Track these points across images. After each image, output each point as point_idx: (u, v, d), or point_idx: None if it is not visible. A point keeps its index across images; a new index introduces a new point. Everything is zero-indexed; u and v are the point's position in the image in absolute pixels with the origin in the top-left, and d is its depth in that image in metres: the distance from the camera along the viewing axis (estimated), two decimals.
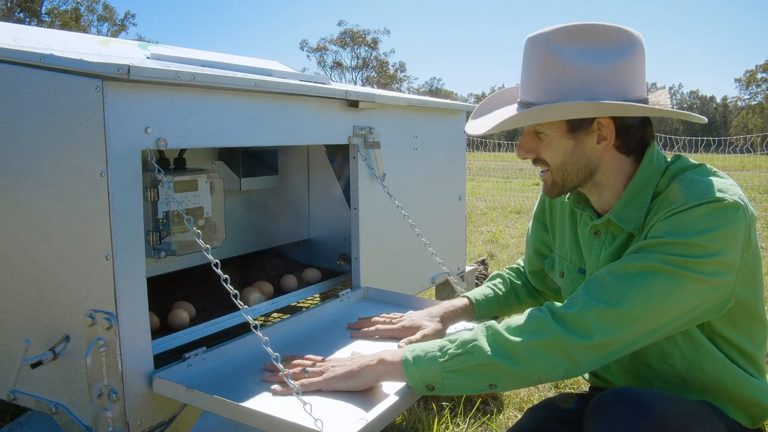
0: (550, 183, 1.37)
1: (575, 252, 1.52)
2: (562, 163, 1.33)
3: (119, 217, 1.27)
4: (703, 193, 1.20)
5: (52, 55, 1.28)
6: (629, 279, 1.19)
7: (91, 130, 1.24)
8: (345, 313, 1.92)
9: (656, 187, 1.31)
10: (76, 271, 1.33)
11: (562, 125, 1.29)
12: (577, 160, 1.32)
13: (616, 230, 1.37)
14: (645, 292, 1.17)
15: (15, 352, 1.42)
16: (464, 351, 1.23)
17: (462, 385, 1.24)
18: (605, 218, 1.36)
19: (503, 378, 1.21)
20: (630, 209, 1.33)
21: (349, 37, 61.15)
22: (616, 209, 1.34)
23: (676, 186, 1.25)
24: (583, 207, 1.45)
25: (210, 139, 1.46)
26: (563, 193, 1.40)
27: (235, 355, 1.53)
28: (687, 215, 1.19)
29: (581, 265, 1.50)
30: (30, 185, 1.36)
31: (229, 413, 1.24)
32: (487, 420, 2.65)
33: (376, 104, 2.03)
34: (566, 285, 1.55)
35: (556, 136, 1.31)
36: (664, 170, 1.33)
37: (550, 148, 1.33)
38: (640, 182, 1.33)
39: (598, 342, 1.18)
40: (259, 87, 1.52)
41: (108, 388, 1.31)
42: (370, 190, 2.10)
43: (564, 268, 1.55)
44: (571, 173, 1.34)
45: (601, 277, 1.24)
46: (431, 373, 1.25)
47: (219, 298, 1.95)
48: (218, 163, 2.13)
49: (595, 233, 1.41)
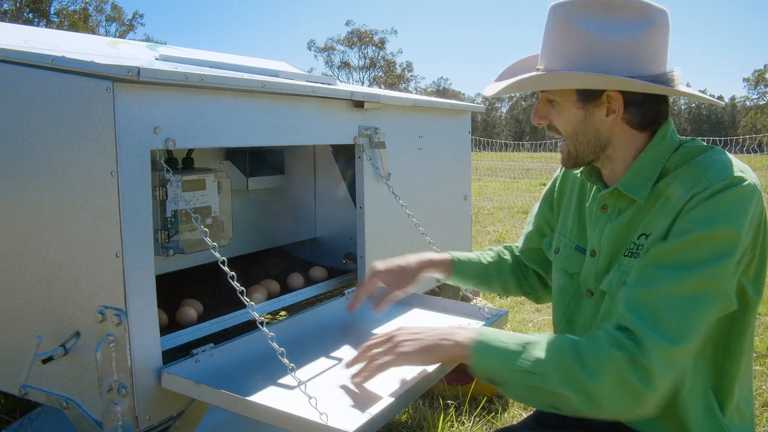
0: (566, 153, 1.38)
1: (576, 229, 1.51)
2: (573, 132, 1.34)
3: (129, 216, 1.29)
4: (724, 173, 1.21)
5: (63, 57, 1.31)
6: (684, 307, 1.16)
7: (102, 130, 1.27)
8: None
9: (666, 161, 1.31)
10: (87, 269, 1.36)
11: (572, 94, 1.30)
12: (587, 131, 1.32)
13: (623, 203, 1.36)
14: (701, 320, 1.16)
15: (26, 347, 1.45)
16: (537, 372, 1.19)
17: (524, 395, 1.24)
18: (612, 188, 1.36)
19: (568, 407, 1.19)
20: (637, 179, 1.32)
21: (357, 37, 61.21)
22: (624, 179, 1.33)
23: (694, 167, 1.25)
24: (594, 180, 1.43)
25: (217, 140, 1.49)
26: (578, 166, 1.40)
27: (242, 351, 1.56)
28: (714, 201, 1.18)
29: (580, 242, 1.49)
30: (41, 184, 1.39)
31: (236, 407, 1.27)
32: (492, 418, 2.68)
33: (381, 104, 2.05)
34: (559, 261, 1.53)
35: (567, 104, 1.31)
36: (676, 147, 1.32)
37: (562, 116, 1.33)
38: (651, 155, 1.32)
39: (667, 386, 1.15)
40: (265, 88, 1.55)
41: (117, 383, 1.34)
42: (376, 189, 2.12)
43: (561, 245, 1.54)
44: (582, 143, 1.34)
45: (648, 300, 1.18)
46: (499, 373, 1.24)
47: (226, 296, 1.98)
48: (225, 162, 2.16)
49: (603, 207, 1.40)
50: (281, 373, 1.42)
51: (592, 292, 1.42)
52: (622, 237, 1.36)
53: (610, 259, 1.38)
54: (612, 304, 1.35)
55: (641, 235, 1.31)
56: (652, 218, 1.29)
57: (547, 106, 1.36)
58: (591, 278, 1.42)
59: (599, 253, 1.40)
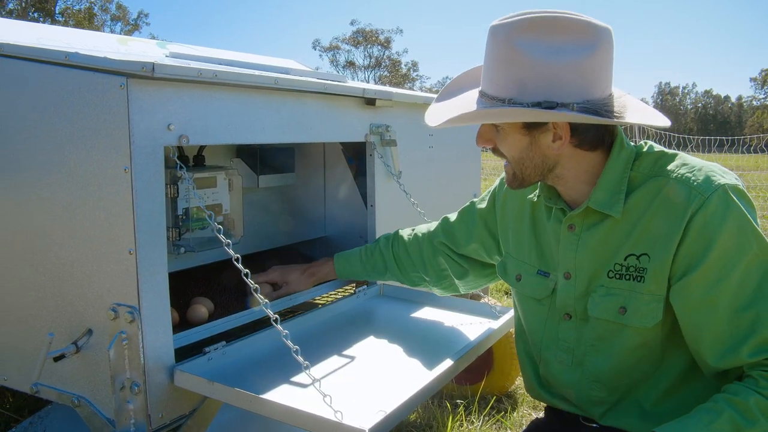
0: (510, 174, 1.37)
1: (535, 254, 1.49)
2: (518, 158, 1.32)
3: (142, 212, 1.29)
4: (710, 180, 1.22)
5: (77, 53, 1.30)
6: None
7: (116, 126, 1.26)
8: (361, 309, 1.94)
9: (631, 171, 1.30)
10: (100, 266, 1.35)
11: (517, 123, 1.28)
12: (534, 156, 1.30)
13: (591, 220, 1.34)
14: None
15: (39, 345, 1.45)
16: None
17: None
18: (582, 207, 1.33)
19: None
20: (607, 194, 1.30)
21: (362, 36, 61.19)
22: (594, 196, 1.31)
23: (675, 182, 1.25)
24: (555, 201, 1.41)
25: (230, 136, 1.48)
26: (523, 187, 1.38)
27: (254, 349, 1.55)
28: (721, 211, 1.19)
29: (542, 267, 1.47)
30: (54, 181, 1.39)
31: (249, 405, 1.26)
32: (501, 418, 2.66)
33: (393, 102, 2.04)
34: (523, 288, 1.51)
35: (512, 131, 1.29)
36: (635, 155, 1.32)
37: (507, 142, 1.31)
38: (614, 170, 1.30)
39: None
40: (278, 84, 1.54)
41: (130, 381, 1.33)
42: (387, 187, 2.11)
43: (522, 272, 1.52)
44: (529, 167, 1.32)
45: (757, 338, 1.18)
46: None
47: (236, 294, 1.97)
48: (236, 160, 2.15)
49: (570, 227, 1.38)
50: (294, 370, 1.41)
51: (571, 315, 1.40)
52: (600, 255, 1.34)
53: (588, 280, 1.36)
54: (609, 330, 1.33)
55: (629, 256, 1.29)
56: (640, 238, 1.28)
57: (491, 130, 1.34)
58: (570, 302, 1.40)
59: (575, 275, 1.38)
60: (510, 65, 1.21)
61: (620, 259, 1.30)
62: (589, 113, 1.19)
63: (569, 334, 1.41)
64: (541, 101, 1.18)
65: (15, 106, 1.43)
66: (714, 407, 1.16)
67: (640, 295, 1.28)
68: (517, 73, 1.20)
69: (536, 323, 1.49)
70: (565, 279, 1.40)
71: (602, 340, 1.35)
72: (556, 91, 1.18)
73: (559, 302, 1.42)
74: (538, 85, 1.19)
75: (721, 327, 1.20)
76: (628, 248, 1.29)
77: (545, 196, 1.43)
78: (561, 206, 1.39)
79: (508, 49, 1.20)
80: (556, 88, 1.18)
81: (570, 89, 1.19)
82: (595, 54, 1.19)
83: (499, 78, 1.24)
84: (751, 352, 1.18)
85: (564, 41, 1.18)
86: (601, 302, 1.33)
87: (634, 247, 1.29)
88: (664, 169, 1.28)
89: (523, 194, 1.54)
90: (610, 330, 1.33)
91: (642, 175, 1.30)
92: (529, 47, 1.18)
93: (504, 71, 1.22)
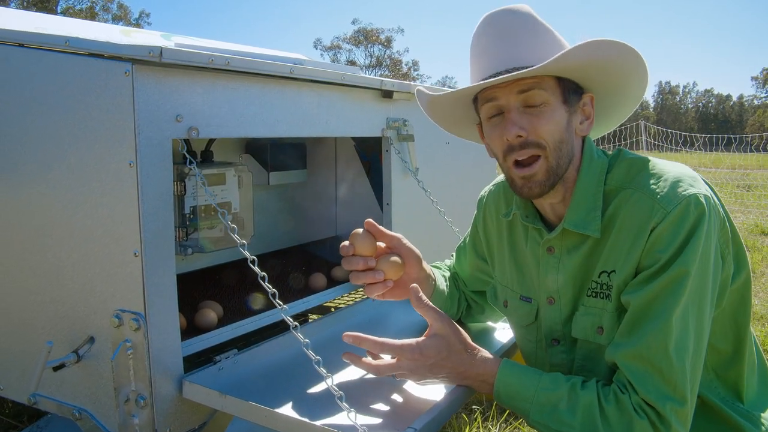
0: (544, 171, 1.18)
1: (516, 279, 1.39)
2: (560, 140, 1.18)
3: (149, 211, 1.19)
4: (674, 194, 1.12)
5: (77, 38, 1.20)
6: (683, 360, 1.10)
7: (120, 117, 1.16)
8: (378, 314, 1.83)
9: (605, 184, 1.20)
10: (102, 269, 1.25)
11: (558, 94, 1.17)
12: (569, 139, 1.19)
13: (571, 242, 1.24)
14: (700, 361, 1.13)
15: (37, 354, 1.34)
16: (559, 430, 1.13)
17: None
18: (558, 230, 1.23)
19: None
20: (582, 213, 1.20)
21: (363, 35, 61.10)
22: (569, 216, 1.21)
23: (641, 194, 1.15)
24: (532, 220, 1.30)
25: (242, 129, 1.38)
26: (546, 190, 1.21)
27: (268, 357, 1.45)
28: (677, 230, 1.10)
29: (523, 292, 1.37)
30: (53, 177, 1.28)
31: (266, 421, 1.16)
32: (519, 425, 2.56)
33: (411, 95, 1.94)
34: (510, 315, 1.43)
35: (558, 104, 1.17)
36: (608, 165, 1.23)
37: (552, 121, 1.16)
38: (586, 184, 1.21)
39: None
40: (294, 74, 1.44)
41: (135, 393, 1.23)
42: (403, 185, 2.01)
43: (507, 297, 1.43)
44: (564, 155, 1.19)
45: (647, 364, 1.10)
46: (521, 413, 1.19)
47: (245, 298, 1.87)
48: (245, 156, 2.05)
49: (548, 249, 1.27)
50: (311, 382, 1.32)
51: (559, 340, 1.31)
52: (581, 277, 1.24)
53: (573, 303, 1.26)
54: (592, 350, 1.24)
55: (602, 273, 1.20)
56: (610, 253, 1.18)
57: (524, 115, 1.17)
58: (557, 327, 1.30)
59: (559, 300, 1.28)
60: (546, 37, 1.19)
61: (596, 276, 1.21)
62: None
63: (560, 358, 1.31)
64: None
65: (10, 97, 1.33)
66: (558, 379, 1.16)
67: (609, 313, 1.19)
68: (554, 38, 1.20)
69: (528, 350, 1.40)
70: (549, 304, 1.30)
71: (588, 359, 1.26)
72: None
73: (545, 328, 1.32)
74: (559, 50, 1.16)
75: (624, 324, 1.15)
76: (601, 265, 1.20)
77: (522, 214, 1.32)
78: (539, 226, 1.29)
79: (533, 22, 1.19)
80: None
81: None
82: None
83: (538, 47, 1.18)
84: (622, 361, 1.12)
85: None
86: (580, 322, 1.24)
87: (605, 264, 1.19)
88: (633, 179, 1.18)
89: (497, 214, 1.43)
90: (593, 351, 1.24)
91: (615, 188, 1.19)
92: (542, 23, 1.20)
93: (542, 42, 1.19)
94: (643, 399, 1.08)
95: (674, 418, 1.07)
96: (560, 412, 1.13)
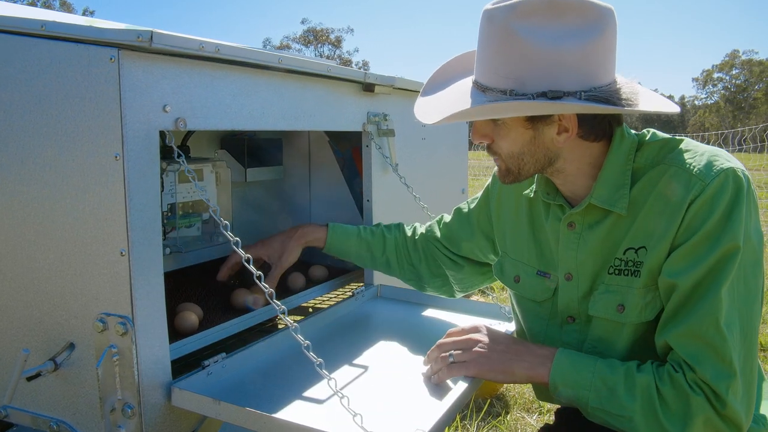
0: (504, 169, 1.27)
1: (534, 254, 1.40)
2: (518, 153, 1.22)
3: (137, 207, 1.11)
4: (711, 167, 1.14)
5: (55, 22, 1.11)
6: (739, 337, 1.11)
7: (105, 107, 1.08)
8: (362, 313, 1.78)
9: (633, 162, 1.22)
10: (84, 270, 1.17)
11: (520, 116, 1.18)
12: (536, 151, 1.21)
13: (593, 217, 1.26)
14: (755, 336, 1.14)
15: (11, 363, 1.25)
16: (621, 415, 1.13)
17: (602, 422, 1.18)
18: (584, 204, 1.25)
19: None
20: (610, 190, 1.22)
21: (313, 35, 60.83)
22: (596, 192, 1.23)
23: (677, 168, 1.17)
24: (553, 197, 1.32)
25: (230, 122, 1.31)
26: (519, 181, 1.28)
27: (258, 360, 1.39)
28: (719, 205, 1.11)
29: (540, 267, 1.38)
30: (29, 172, 1.19)
31: (264, 427, 1.10)
32: (497, 423, 2.55)
33: (392, 89, 1.89)
34: (522, 290, 1.42)
35: (514, 126, 1.19)
36: (637, 145, 1.24)
37: (508, 137, 1.21)
38: (615, 161, 1.22)
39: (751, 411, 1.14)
40: (282, 64, 1.37)
41: (122, 402, 1.15)
42: (383, 180, 1.96)
43: (521, 272, 1.43)
44: (528, 163, 1.23)
45: (704, 342, 1.10)
46: (580, 405, 1.19)
47: (223, 298, 1.80)
48: (221, 152, 1.97)
49: (569, 225, 1.29)
50: (307, 384, 1.26)
51: (574, 318, 1.31)
52: (602, 253, 1.25)
53: (592, 280, 1.27)
54: (608, 329, 1.25)
55: (628, 249, 1.21)
56: (639, 230, 1.19)
57: (489, 124, 1.23)
58: (573, 304, 1.31)
59: (577, 276, 1.29)
60: (509, 53, 1.10)
61: (620, 253, 1.22)
62: (599, 102, 1.10)
63: (572, 337, 1.32)
64: (546, 91, 1.08)
65: None
66: (614, 364, 1.17)
67: (636, 290, 1.20)
68: (517, 62, 1.09)
69: (537, 326, 1.40)
70: (567, 280, 1.31)
71: (602, 341, 1.27)
72: (560, 79, 1.08)
73: (561, 305, 1.33)
74: (540, 74, 1.08)
75: (673, 303, 1.15)
76: (628, 242, 1.21)
77: (542, 191, 1.34)
78: (560, 202, 1.31)
79: (507, 35, 1.09)
80: (560, 76, 1.08)
81: (575, 76, 1.09)
82: (600, 37, 1.10)
83: (497, 67, 1.12)
84: (675, 341, 1.13)
85: (566, 24, 1.08)
86: (600, 300, 1.25)
87: (632, 240, 1.20)
88: (666, 156, 1.20)
89: (518, 190, 1.44)
90: (609, 330, 1.25)
91: (645, 166, 1.22)
92: (529, 32, 1.07)
93: (502, 59, 1.11)
94: (699, 378, 1.08)
95: (730, 394, 1.08)
96: (619, 396, 1.12)
